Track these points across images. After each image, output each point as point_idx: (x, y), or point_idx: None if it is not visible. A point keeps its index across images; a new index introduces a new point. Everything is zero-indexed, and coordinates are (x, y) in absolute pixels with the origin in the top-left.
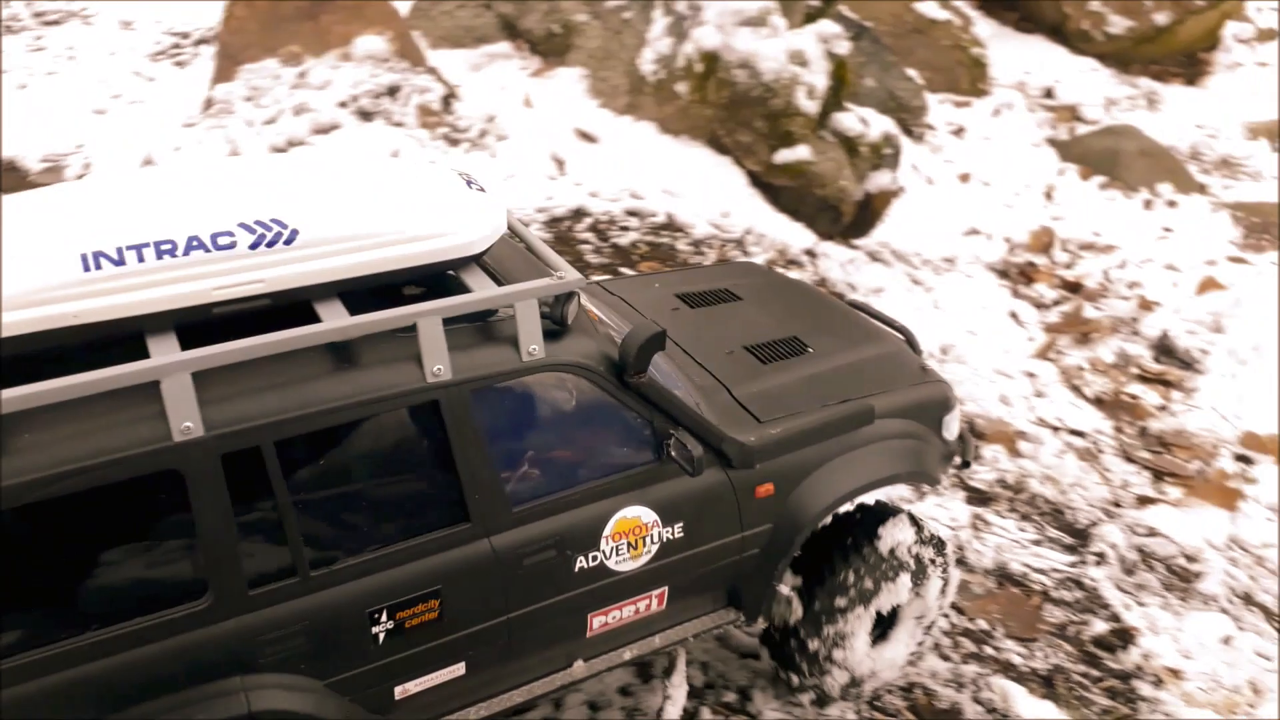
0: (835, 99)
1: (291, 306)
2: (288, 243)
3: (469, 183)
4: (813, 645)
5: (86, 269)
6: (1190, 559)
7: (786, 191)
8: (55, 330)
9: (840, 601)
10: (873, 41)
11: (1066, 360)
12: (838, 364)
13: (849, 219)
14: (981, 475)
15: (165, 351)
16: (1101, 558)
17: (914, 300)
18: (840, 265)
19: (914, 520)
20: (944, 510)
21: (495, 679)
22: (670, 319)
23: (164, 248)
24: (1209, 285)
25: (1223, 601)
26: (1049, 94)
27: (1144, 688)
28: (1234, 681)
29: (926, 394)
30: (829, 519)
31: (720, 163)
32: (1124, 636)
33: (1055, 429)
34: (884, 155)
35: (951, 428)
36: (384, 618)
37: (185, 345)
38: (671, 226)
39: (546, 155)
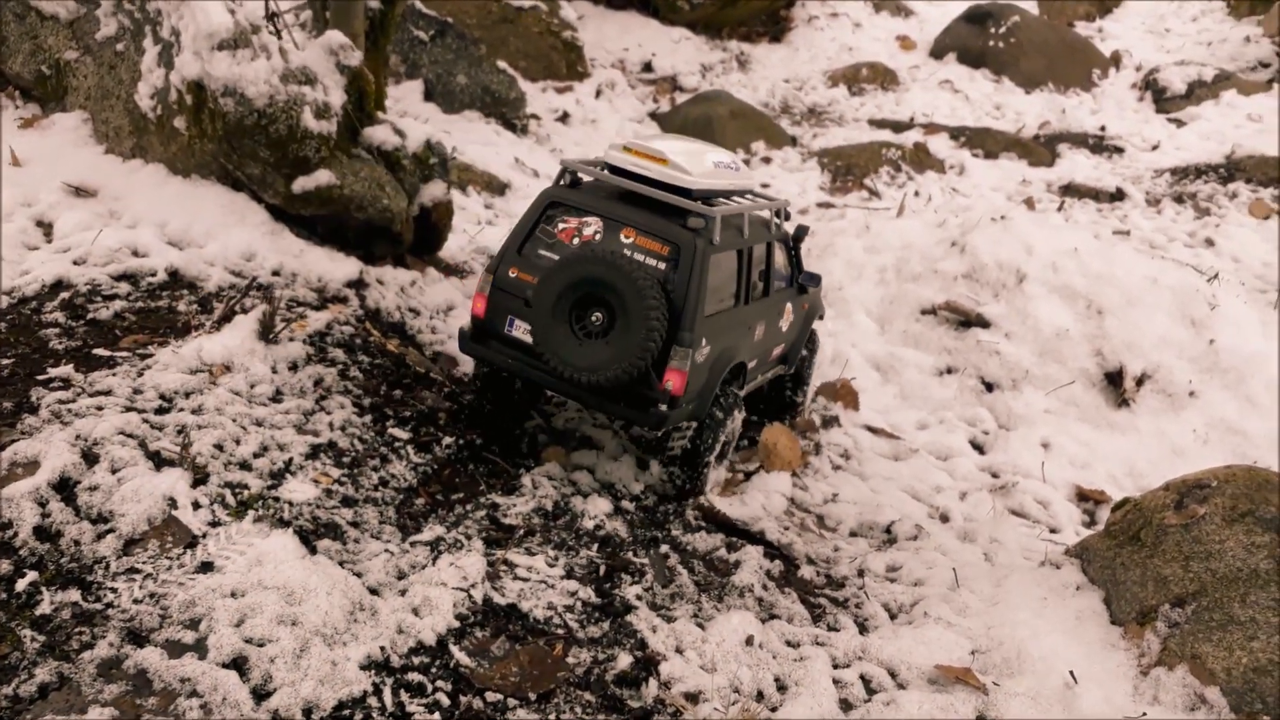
0: (362, 113)
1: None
2: (735, 170)
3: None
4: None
5: (714, 167)
6: (731, 547)
7: (322, 221)
8: (704, 189)
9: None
10: (457, 38)
11: None
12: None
13: (410, 238)
14: (517, 509)
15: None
16: (640, 573)
17: None
18: (399, 291)
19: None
20: (455, 569)
21: (752, 377)
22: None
23: (719, 164)
24: None
25: (757, 590)
26: (648, 68)
27: None
28: (754, 686)
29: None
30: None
31: (236, 200)
32: (648, 666)
33: (616, 433)
34: (431, 165)
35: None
36: (760, 326)
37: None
38: (176, 284)
39: (28, 221)
